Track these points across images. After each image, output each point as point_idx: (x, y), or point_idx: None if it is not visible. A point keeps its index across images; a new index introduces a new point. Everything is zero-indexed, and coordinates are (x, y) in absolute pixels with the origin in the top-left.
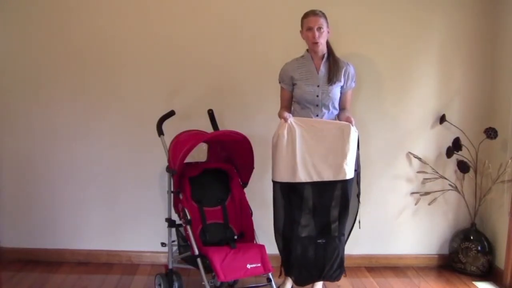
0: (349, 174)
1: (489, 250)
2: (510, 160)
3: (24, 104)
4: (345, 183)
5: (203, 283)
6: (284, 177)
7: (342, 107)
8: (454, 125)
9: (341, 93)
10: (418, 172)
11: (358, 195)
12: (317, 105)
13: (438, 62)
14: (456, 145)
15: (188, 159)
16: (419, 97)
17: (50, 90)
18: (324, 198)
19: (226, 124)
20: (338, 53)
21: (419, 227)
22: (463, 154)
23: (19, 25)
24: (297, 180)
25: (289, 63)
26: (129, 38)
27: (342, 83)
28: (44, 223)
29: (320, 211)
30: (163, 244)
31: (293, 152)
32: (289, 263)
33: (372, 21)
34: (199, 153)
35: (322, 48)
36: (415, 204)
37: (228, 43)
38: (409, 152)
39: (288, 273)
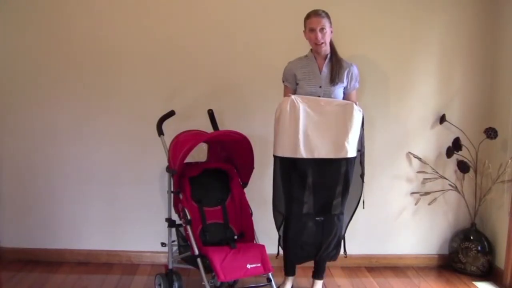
0: (351, 152)
1: (489, 250)
2: (510, 160)
3: (24, 104)
4: (346, 161)
5: (203, 283)
6: (285, 152)
7: None
8: (454, 125)
9: (344, 94)
10: (418, 172)
11: (362, 176)
12: None
13: (438, 62)
14: (456, 145)
15: (188, 159)
16: (419, 97)
17: (50, 90)
18: (324, 176)
19: (226, 124)
20: (339, 53)
21: (419, 227)
22: (463, 154)
23: (19, 25)
24: (298, 156)
25: (292, 62)
26: (129, 38)
27: (345, 84)
28: (44, 223)
29: (320, 188)
30: (163, 244)
31: (296, 127)
32: (287, 240)
33: (372, 21)
34: (199, 153)
35: (326, 48)
36: (415, 204)
37: (229, 43)
38: (409, 152)
39: (284, 250)
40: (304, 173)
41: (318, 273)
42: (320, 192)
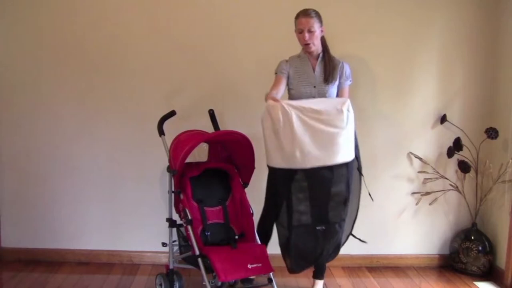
0: (349, 156)
1: (490, 250)
2: (511, 160)
3: (25, 104)
4: (346, 166)
5: (204, 283)
6: (282, 163)
7: None
8: (455, 125)
9: (337, 89)
10: (419, 172)
11: (359, 169)
12: None
13: (439, 62)
14: (457, 145)
15: (189, 159)
16: (420, 97)
17: (51, 90)
18: (323, 184)
19: (227, 124)
20: (338, 52)
21: (420, 227)
22: (464, 154)
23: (22, 24)
24: (298, 166)
25: (289, 59)
26: (130, 39)
27: (337, 82)
28: (44, 223)
29: (320, 197)
30: (164, 244)
31: (291, 136)
32: (287, 251)
33: (372, 20)
34: (200, 153)
35: (315, 48)
36: (416, 204)
37: (229, 43)
38: (410, 152)
39: (285, 260)
40: (303, 183)
41: (318, 273)
42: (319, 201)
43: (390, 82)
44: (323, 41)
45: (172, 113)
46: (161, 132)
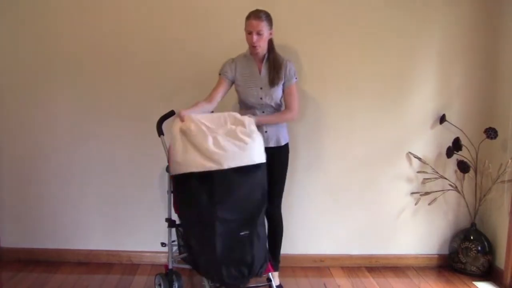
0: (261, 157)
1: (489, 250)
2: (510, 160)
3: (24, 104)
4: (259, 167)
5: (203, 283)
6: (193, 167)
7: (287, 106)
8: (454, 125)
9: (283, 90)
10: (418, 172)
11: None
12: (261, 105)
13: (438, 62)
14: (456, 145)
15: None
16: (419, 97)
17: (50, 90)
18: (241, 186)
19: None
20: (338, 51)
21: (419, 227)
22: (463, 154)
23: (20, 24)
24: (210, 168)
25: (234, 59)
26: (129, 39)
27: (283, 81)
28: (44, 223)
29: (238, 200)
30: (163, 244)
31: (203, 139)
32: (214, 264)
33: (372, 19)
34: None
35: (261, 50)
36: (415, 204)
37: (229, 43)
38: (409, 152)
39: (216, 276)
40: (218, 186)
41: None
42: (239, 204)
43: (390, 82)
44: (270, 42)
45: (171, 113)
46: (160, 132)
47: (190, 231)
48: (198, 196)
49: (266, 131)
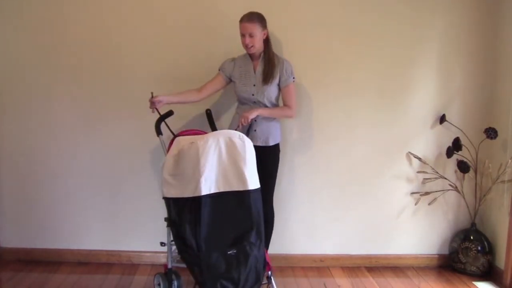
0: (253, 184)
1: (489, 250)
2: (510, 160)
3: (24, 104)
4: (248, 193)
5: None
6: (185, 192)
7: (285, 105)
8: (454, 125)
9: (281, 89)
10: (418, 172)
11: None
12: (254, 102)
13: (438, 62)
14: (456, 145)
15: None
16: (419, 97)
17: (50, 90)
18: (228, 209)
19: (224, 124)
20: (338, 52)
21: (419, 227)
22: (463, 154)
23: (20, 22)
24: (199, 194)
25: (235, 58)
26: (129, 38)
27: (277, 81)
28: (44, 223)
29: (226, 222)
30: (162, 244)
31: (195, 165)
32: (203, 281)
33: (372, 21)
34: None
35: (256, 50)
36: (415, 204)
37: (229, 43)
38: (409, 152)
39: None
40: (207, 209)
41: None
42: (227, 225)
43: (390, 82)
44: (266, 41)
45: (169, 113)
46: (158, 132)
47: (182, 248)
48: (183, 222)
49: (255, 130)
